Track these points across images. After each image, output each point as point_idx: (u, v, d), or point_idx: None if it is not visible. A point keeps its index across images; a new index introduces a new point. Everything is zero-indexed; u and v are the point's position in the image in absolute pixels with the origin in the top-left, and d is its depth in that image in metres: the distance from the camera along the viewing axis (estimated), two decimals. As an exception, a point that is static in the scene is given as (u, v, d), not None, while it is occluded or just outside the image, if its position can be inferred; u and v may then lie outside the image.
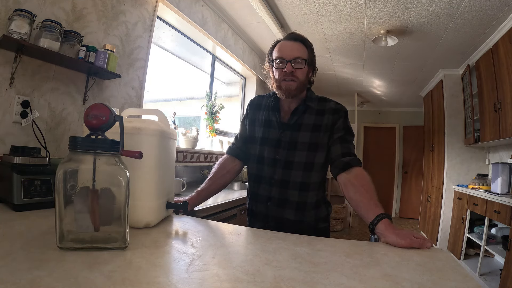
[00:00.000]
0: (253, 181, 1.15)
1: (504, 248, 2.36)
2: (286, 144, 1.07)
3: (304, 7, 2.65)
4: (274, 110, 1.13)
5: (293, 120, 1.08)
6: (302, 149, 1.05)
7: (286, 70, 1.02)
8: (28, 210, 0.87)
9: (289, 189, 1.05)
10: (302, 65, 1.03)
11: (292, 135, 1.07)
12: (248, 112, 1.22)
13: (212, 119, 2.86)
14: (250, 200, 1.17)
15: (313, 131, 1.06)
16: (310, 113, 1.08)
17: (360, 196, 0.93)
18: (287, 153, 1.06)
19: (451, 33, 2.88)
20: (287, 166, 1.06)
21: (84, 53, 1.41)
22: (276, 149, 1.08)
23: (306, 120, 1.08)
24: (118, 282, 0.44)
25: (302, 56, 1.03)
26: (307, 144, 1.05)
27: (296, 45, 1.05)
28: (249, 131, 1.19)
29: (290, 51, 1.03)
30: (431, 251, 0.72)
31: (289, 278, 0.51)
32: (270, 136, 1.11)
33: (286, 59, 1.03)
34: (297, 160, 1.05)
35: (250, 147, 1.17)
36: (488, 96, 2.91)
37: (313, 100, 1.11)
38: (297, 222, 1.05)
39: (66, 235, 0.56)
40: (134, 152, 0.65)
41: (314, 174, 1.06)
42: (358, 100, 5.71)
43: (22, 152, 1.04)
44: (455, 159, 3.83)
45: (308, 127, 1.06)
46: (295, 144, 1.06)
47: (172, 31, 2.46)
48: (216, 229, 0.87)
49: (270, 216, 1.08)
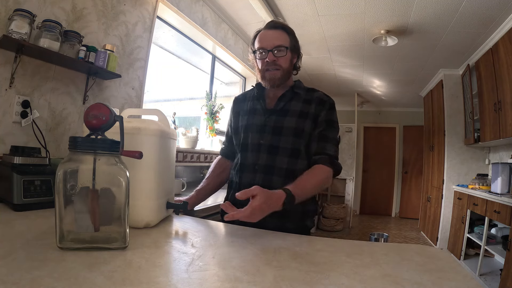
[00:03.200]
0: (236, 170, 1.10)
1: (504, 248, 2.36)
2: (271, 129, 1.04)
3: (304, 7, 2.65)
4: (259, 99, 1.12)
5: (279, 106, 1.07)
6: (287, 134, 1.02)
7: (268, 59, 1.02)
8: (28, 210, 0.87)
9: (274, 175, 1.01)
10: (284, 53, 1.02)
11: (277, 120, 1.05)
12: (233, 108, 1.22)
13: (212, 119, 2.86)
14: (232, 191, 1.11)
15: (299, 117, 1.04)
16: (298, 100, 1.07)
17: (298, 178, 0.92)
18: (272, 137, 1.03)
19: (451, 33, 2.88)
20: (272, 151, 1.03)
21: (84, 53, 1.41)
22: (260, 134, 1.05)
23: (293, 106, 1.06)
24: (118, 282, 0.44)
25: (283, 43, 1.02)
26: (293, 129, 1.02)
27: (277, 33, 1.04)
28: (234, 124, 1.18)
29: (271, 40, 1.02)
30: (431, 251, 0.72)
31: (289, 278, 0.51)
32: (254, 122, 1.08)
33: (267, 48, 1.02)
34: (283, 146, 1.02)
35: (235, 138, 1.16)
36: (488, 96, 2.91)
37: (301, 89, 1.10)
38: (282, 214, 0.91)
39: (66, 235, 0.56)
40: (134, 152, 0.65)
41: (301, 162, 1.02)
42: (358, 100, 5.71)
43: (22, 152, 1.04)
44: (455, 159, 3.83)
45: (295, 113, 1.04)
46: (280, 129, 1.03)
47: (172, 31, 2.46)
48: (216, 229, 0.87)
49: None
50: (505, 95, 2.55)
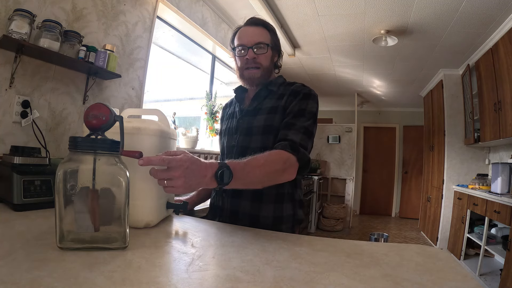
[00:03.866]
0: None
1: (504, 248, 2.36)
2: (244, 130, 1.02)
3: (304, 7, 2.65)
4: (238, 102, 1.10)
5: (252, 106, 1.03)
6: (257, 133, 0.98)
7: (248, 57, 0.98)
8: (28, 210, 0.87)
9: None
10: (265, 50, 0.99)
11: (249, 120, 1.02)
12: (221, 114, 1.23)
13: (212, 119, 2.86)
14: (212, 194, 1.11)
15: (268, 113, 0.99)
16: (272, 97, 1.02)
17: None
18: (243, 138, 1.01)
19: (451, 33, 2.88)
20: (242, 152, 0.98)
21: (84, 53, 1.41)
22: (234, 136, 1.04)
23: (265, 104, 1.02)
24: (118, 282, 0.44)
25: (263, 40, 0.99)
26: (261, 127, 0.98)
27: (257, 30, 1.01)
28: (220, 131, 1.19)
29: (251, 36, 0.99)
30: (431, 251, 0.72)
31: (289, 278, 0.51)
32: (231, 125, 1.08)
33: (247, 45, 0.98)
34: (253, 146, 0.97)
35: (219, 144, 1.16)
36: (488, 96, 2.91)
37: (277, 85, 1.04)
38: (253, 216, 0.96)
39: (66, 235, 0.56)
40: (134, 152, 0.65)
41: None
42: (358, 100, 5.71)
43: (22, 152, 1.04)
44: (455, 159, 3.83)
45: (265, 110, 1.00)
46: (250, 129, 1.00)
47: (172, 31, 2.46)
48: (216, 229, 0.86)
49: (225, 210, 1.01)
50: (505, 95, 2.55)
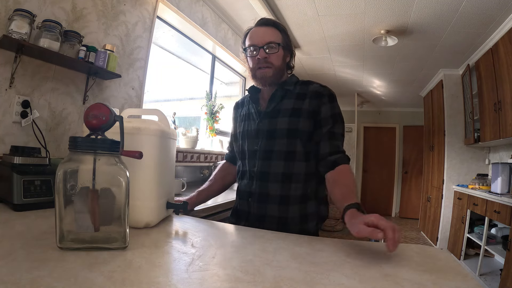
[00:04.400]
0: (238, 179, 1.10)
1: (504, 248, 2.36)
2: (265, 133, 1.01)
3: (304, 7, 2.65)
4: (253, 102, 1.09)
5: (270, 107, 1.03)
6: (281, 136, 0.98)
7: (259, 56, 0.98)
8: (28, 210, 0.87)
9: (270, 181, 0.98)
10: (276, 49, 0.99)
11: (270, 122, 1.01)
12: (233, 114, 1.21)
13: (212, 119, 2.86)
14: (236, 199, 1.11)
15: (291, 116, 0.98)
16: (290, 97, 1.02)
17: (338, 189, 0.88)
18: (266, 142, 1.00)
19: (451, 33, 2.88)
20: (266, 156, 0.99)
21: (84, 53, 1.41)
22: (255, 140, 1.03)
23: (285, 105, 1.01)
24: (118, 282, 0.44)
25: (275, 40, 0.99)
26: (285, 131, 0.97)
27: (268, 30, 1.01)
28: (233, 130, 1.18)
29: (262, 36, 0.99)
30: (431, 251, 0.72)
31: (289, 278, 0.51)
32: (249, 128, 1.06)
33: (258, 45, 0.98)
34: (277, 149, 0.98)
35: (235, 145, 1.15)
36: (488, 96, 2.91)
37: (293, 84, 1.05)
38: (281, 219, 0.97)
39: (66, 235, 0.56)
40: (134, 152, 0.65)
41: (297, 164, 0.97)
42: (358, 100, 5.72)
43: (22, 152, 1.04)
44: (455, 159, 3.83)
45: (287, 112, 0.99)
46: (273, 132, 0.99)
47: (172, 31, 2.46)
48: (216, 229, 0.86)
49: (252, 214, 1.01)
50: (505, 95, 2.55)
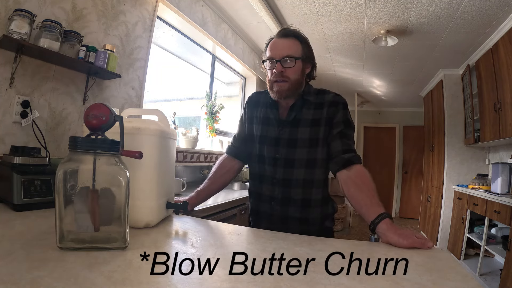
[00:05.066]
0: (255, 181, 1.13)
1: (504, 248, 2.36)
2: (286, 142, 1.04)
3: (304, 7, 2.65)
4: (272, 107, 1.09)
5: (291, 117, 1.05)
6: (302, 146, 1.02)
7: (276, 70, 0.99)
8: (28, 210, 0.87)
9: (292, 187, 1.03)
10: (293, 64, 0.99)
11: (291, 132, 1.04)
12: (246, 110, 1.20)
13: (212, 119, 2.86)
14: (253, 200, 1.15)
15: (312, 125, 1.02)
16: (309, 107, 1.05)
17: (362, 194, 0.91)
18: (287, 151, 1.03)
19: (451, 33, 2.88)
20: (288, 164, 1.03)
21: (84, 53, 1.41)
22: (275, 147, 1.05)
23: (304, 115, 1.04)
24: (118, 282, 0.44)
25: (292, 54, 0.99)
26: (307, 140, 1.02)
27: (287, 42, 1.01)
28: (248, 130, 1.17)
29: (280, 50, 0.99)
30: (431, 251, 0.72)
31: (289, 278, 0.51)
32: (268, 134, 1.08)
33: (275, 58, 0.99)
34: (299, 158, 1.02)
35: (250, 146, 1.15)
36: (488, 96, 2.91)
37: (311, 94, 1.07)
38: (303, 219, 1.03)
39: (66, 235, 0.56)
40: (134, 152, 0.65)
41: (318, 171, 1.03)
42: (358, 100, 5.71)
43: (22, 152, 1.04)
44: (455, 159, 3.83)
45: (307, 122, 1.03)
46: (295, 141, 1.03)
47: (172, 31, 2.46)
48: (216, 229, 0.87)
49: (274, 215, 1.06)
50: (505, 95, 2.55)
